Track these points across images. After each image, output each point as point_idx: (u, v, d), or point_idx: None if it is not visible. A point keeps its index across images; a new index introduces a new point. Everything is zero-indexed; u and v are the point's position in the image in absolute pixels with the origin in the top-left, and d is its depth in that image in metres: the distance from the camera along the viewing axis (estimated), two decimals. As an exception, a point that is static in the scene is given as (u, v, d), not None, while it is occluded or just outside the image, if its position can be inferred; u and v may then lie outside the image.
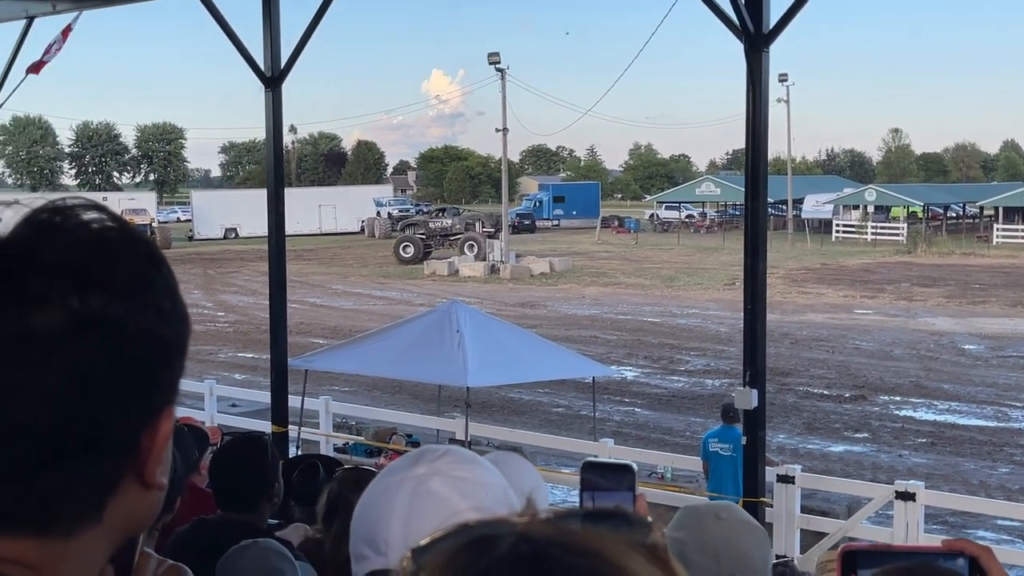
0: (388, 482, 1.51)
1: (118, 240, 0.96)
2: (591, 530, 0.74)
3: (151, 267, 0.98)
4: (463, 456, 1.53)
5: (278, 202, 12.83)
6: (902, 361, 26.62)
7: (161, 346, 0.96)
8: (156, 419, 0.97)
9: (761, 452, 10.43)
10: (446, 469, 1.49)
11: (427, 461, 1.51)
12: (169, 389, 0.98)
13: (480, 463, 1.54)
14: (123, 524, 0.99)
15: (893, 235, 65.85)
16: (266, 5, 12.35)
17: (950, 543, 1.12)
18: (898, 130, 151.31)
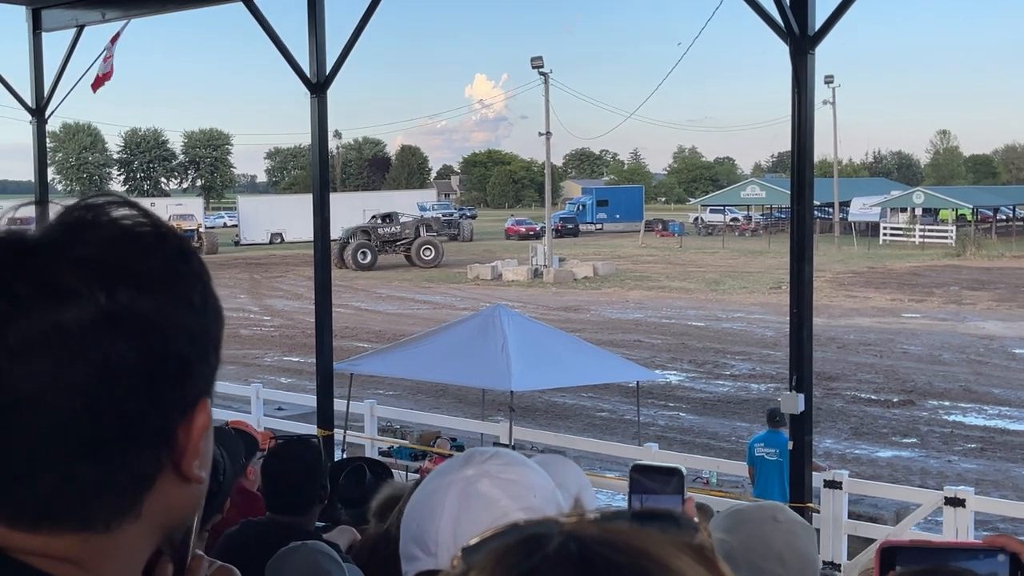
0: (438, 483, 1.53)
1: (147, 236, 0.97)
2: (638, 530, 0.75)
3: (181, 262, 0.99)
4: (512, 458, 1.55)
5: (323, 207, 12.92)
6: (951, 365, 26.28)
7: (193, 339, 0.97)
8: (192, 412, 0.98)
9: (808, 457, 10.35)
10: (495, 471, 1.51)
11: (476, 463, 1.52)
12: (203, 382, 0.99)
13: (528, 465, 1.56)
14: (163, 519, 0.99)
15: (942, 238, 65.03)
16: (312, 12, 12.45)
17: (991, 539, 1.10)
18: (946, 132, 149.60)
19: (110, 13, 14.74)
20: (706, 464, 14.50)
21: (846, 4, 9.51)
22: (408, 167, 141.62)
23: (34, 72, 15.75)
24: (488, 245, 70.56)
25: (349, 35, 12.48)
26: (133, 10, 14.68)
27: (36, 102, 15.79)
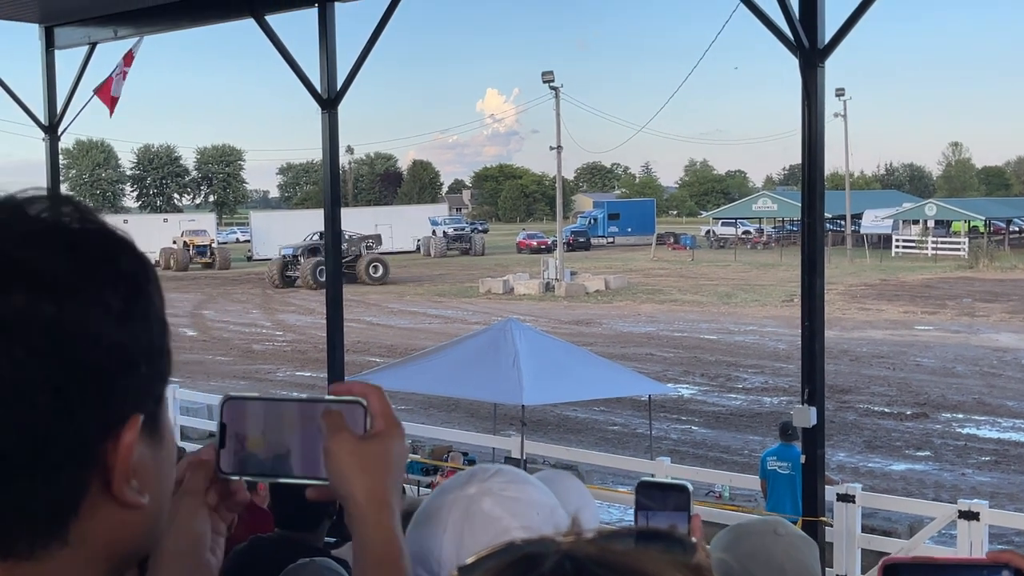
0: (440, 501, 1.53)
1: (63, 233, 0.88)
2: (635, 550, 0.74)
3: (102, 262, 0.90)
4: (514, 476, 1.55)
5: (335, 222, 12.96)
6: (965, 378, 26.16)
7: (112, 349, 0.88)
8: (118, 430, 0.89)
9: (820, 470, 10.30)
10: (497, 489, 1.51)
11: (478, 481, 1.52)
12: (133, 397, 0.90)
13: (531, 482, 1.55)
14: (105, 544, 0.91)
15: (954, 250, 64.82)
16: (322, 29, 12.51)
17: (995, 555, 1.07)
18: (958, 144, 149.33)
19: (122, 30, 14.83)
20: (718, 478, 14.45)
21: (855, 17, 9.51)
22: (420, 182, 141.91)
23: (47, 89, 15.85)
24: (500, 259, 70.61)
25: (360, 51, 12.53)
26: (145, 27, 14.76)
27: (49, 119, 15.88)
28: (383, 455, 1.21)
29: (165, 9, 13.99)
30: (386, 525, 1.20)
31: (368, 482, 1.20)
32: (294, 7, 13.06)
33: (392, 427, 1.23)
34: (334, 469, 1.19)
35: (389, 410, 1.25)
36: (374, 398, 1.24)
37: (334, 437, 1.19)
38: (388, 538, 1.21)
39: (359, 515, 1.20)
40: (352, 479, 1.19)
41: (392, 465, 1.23)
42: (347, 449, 1.19)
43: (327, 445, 1.20)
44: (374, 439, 1.21)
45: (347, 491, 1.20)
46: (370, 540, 1.20)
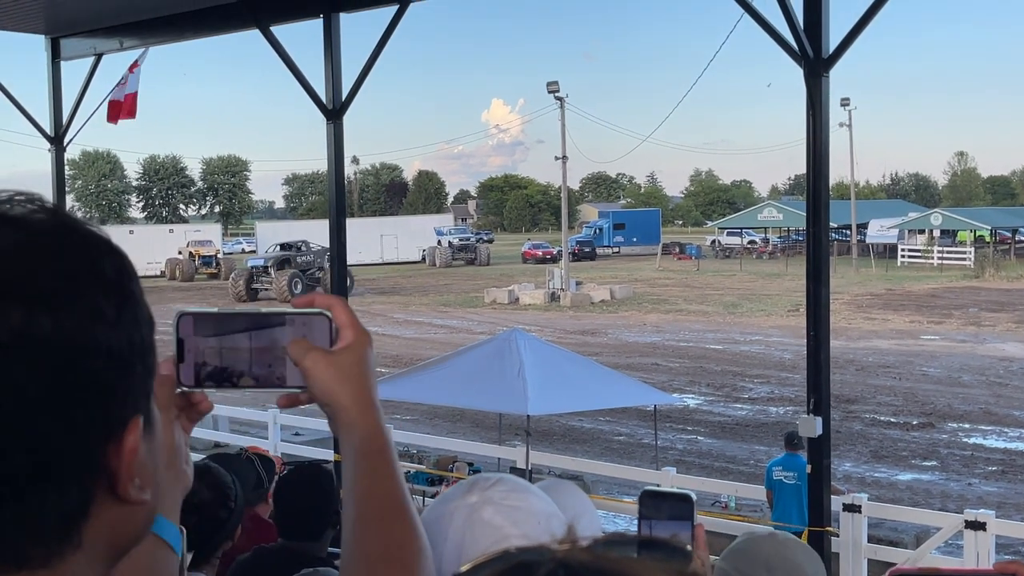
0: (442, 510, 1.52)
1: (43, 241, 0.87)
2: (629, 557, 0.74)
3: (87, 269, 0.89)
4: (516, 484, 1.55)
5: (340, 233, 12.98)
6: (971, 387, 26.10)
7: (111, 355, 0.88)
8: (120, 432, 0.90)
9: (826, 480, 10.27)
10: (499, 498, 1.51)
11: (480, 489, 1.52)
12: (131, 398, 0.91)
13: (532, 491, 1.55)
14: (108, 544, 0.93)
15: (960, 259, 64.74)
16: (327, 39, 12.54)
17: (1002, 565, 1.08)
18: (963, 153, 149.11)
19: (128, 41, 14.88)
20: (724, 488, 14.42)
21: (859, 27, 9.51)
22: (425, 192, 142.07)
23: (53, 100, 15.90)
24: (505, 269, 70.62)
25: (365, 61, 12.57)
26: (150, 38, 14.81)
27: (55, 130, 15.93)
28: (359, 363, 1.29)
29: (171, 20, 14.04)
30: (372, 420, 1.30)
31: (351, 389, 1.28)
32: (299, 18, 13.10)
33: (361, 335, 1.31)
34: (317, 384, 1.27)
35: (354, 319, 1.31)
36: (338, 309, 1.30)
37: (307, 356, 1.26)
38: (375, 432, 1.29)
39: (348, 419, 1.29)
40: (336, 390, 1.27)
41: (369, 370, 1.32)
42: (323, 363, 1.26)
43: (302, 366, 1.26)
44: (348, 350, 1.29)
45: (334, 401, 1.28)
46: (359, 436, 1.29)
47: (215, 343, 1.26)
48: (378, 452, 1.29)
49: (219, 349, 1.26)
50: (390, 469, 1.30)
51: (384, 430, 1.31)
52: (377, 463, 1.29)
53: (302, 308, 1.29)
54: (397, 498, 1.29)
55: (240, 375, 1.27)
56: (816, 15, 9.50)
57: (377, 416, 1.31)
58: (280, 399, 1.31)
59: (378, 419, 1.31)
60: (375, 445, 1.29)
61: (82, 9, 14.04)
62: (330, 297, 1.31)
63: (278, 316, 1.28)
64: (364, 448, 1.29)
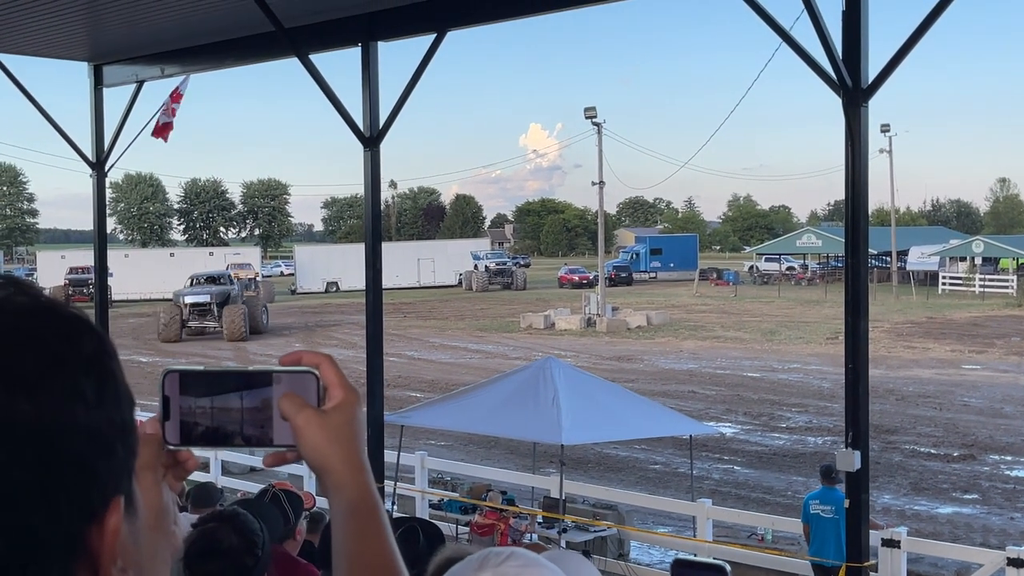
0: None
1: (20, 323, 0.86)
2: None
3: (67, 348, 0.87)
4: (528, 559, 1.52)
5: (375, 259, 13.00)
6: (1013, 419, 25.68)
7: (92, 437, 0.87)
8: (102, 514, 0.88)
9: (865, 515, 10.11)
10: (513, 573, 1.48)
11: (492, 566, 1.50)
12: (113, 479, 0.90)
13: (544, 565, 1.53)
14: None
15: (1002, 287, 63.95)
16: (365, 68, 12.61)
17: None
18: (1006, 179, 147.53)
19: (169, 68, 15.05)
20: (760, 521, 14.25)
21: (900, 57, 9.43)
22: (462, 216, 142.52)
23: (95, 126, 16.11)
24: (541, 293, 70.59)
25: (402, 89, 12.62)
26: (191, 65, 14.98)
27: (96, 156, 16.13)
28: (349, 424, 1.29)
29: (211, 48, 14.19)
30: (362, 482, 1.29)
31: (341, 450, 1.27)
32: (338, 47, 13.19)
33: (349, 394, 1.30)
34: (307, 444, 1.26)
35: (343, 378, 1.30)
36: (326, 367, 1.29)
37: (300, 415, 1.25)
38: (365, 493, 1.29)
39: (339, 482, 1.28)
40: (327, 452, 1.26)
41: (359, 431, 1.31)
42: (315, 424, 1.26)
43: (295, 423, 1.25)
44: (337, 410, 1.28)
45: (325, 463, 1.28)
46: (349, 499, 1.28)
47: (205, 403, 1.25)
48: (368, 513, 1.29)
49: (207, 409, 1.26)
50: (380, 530, 1.30)
51: (374, 491, 1.31)
52: (367, 524, 1.29)
53: (289, 365, 1.28)
54: (386, 559, 1.29)
55: (230, 435, 1.26)
56: (855, 45, 9.43)
57: (367, 477, 1.31)
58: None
59: (368, 480, 1.31)
60: (365, 506, 1.29)
61: (124, 37, 14.22)
62: (318, 355, 1.30)
63: (265, 375, 1.27)
64: (354, 509, 1.29)
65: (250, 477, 17.46)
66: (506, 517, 13.93)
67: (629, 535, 14.54)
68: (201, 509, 5.47)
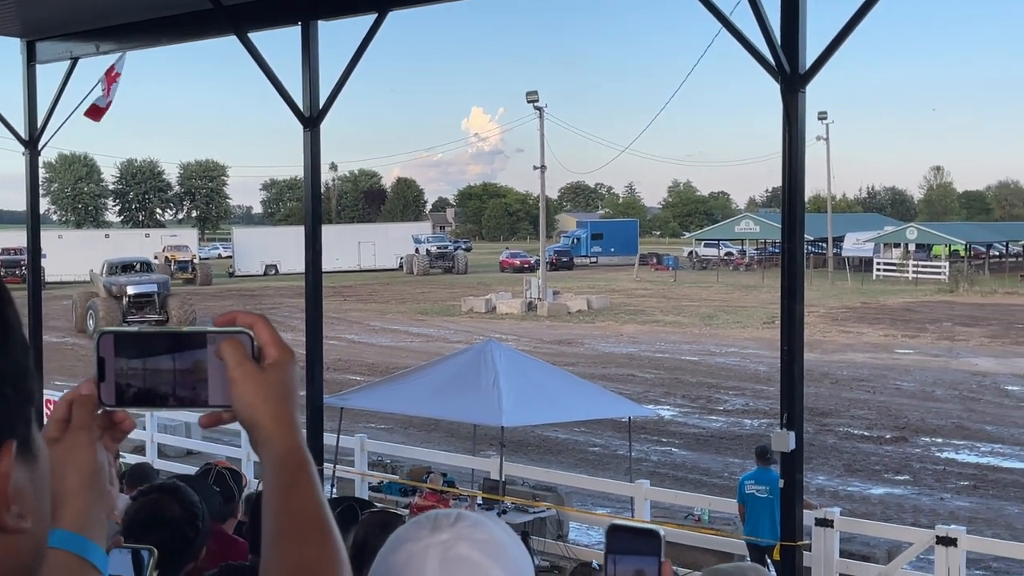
0: (411, 549, 1.49)
1: None
2: None
3: None
4: (477, 519, 1.54)
5: (316, 241, 12.91)
6: (944, 402, 26.25)
7: None
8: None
9: (799, 495, 10.28)
10: (468, 533, 1.49)
11: (446, 527, 1.50)
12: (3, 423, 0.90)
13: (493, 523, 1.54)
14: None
15: (935, 274, 65.19)
16: (305, 47, 12.49)
17: None
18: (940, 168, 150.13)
19: (104, 45, 14.77)
20: (698, 501, 14.43)
21: (836, 43, 9.56)
22: (403, 199, 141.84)
23: (28, 104, 15.76)
24: (483, 277, 70.60)
25: (343, 69, 12.51)
26: (128, 42, 14.71)
27: (29, 134, 15.79)
28: (283, 382, 1.30)
29: (148, 25, 13.95)
30: (291, 437, 1.29)
31: (273, 407, 1.28)
32: (277, 25, 13.04)
33: (284, 353, 1.31)
34: (240, 398, 1.27)
35: (277, 337, 1.31)
36: (260, 327, 1.30)
37: (239, 367, 1.26)
38: (294, 448, 1.29)
39: (267, 437, 1.28)
40: (259, 407, 1.27)
41: (292, 390, 1.32)
42: (252, 379, 1.27)
43: (232, 374, 1.26)
44: (273, 368, 1.29)
45: (255, 418, 1.28)
46: (277, 453, 1.28)
47: (137, 364, 1.25)
48: (297, 468, 1.29)
49: (141, 370, 1.25)
50: (309, 486, 1.30)
51: (304, 448, 1.31)
52: (295, 479, 1.29)
53: (224, 326, 1.29)
54: (315, 515, 1.29)
55: (162, 396, 1.26)
56: (793, 31, 9.54)
57: (297, 434, 1.31)
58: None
59: (298, 437, 1.31)
60: (294, 461, 1.29)
61: (58, 12, 13.93)
62: (252, 315, 1.31)
63: (199, 336, 1.28)
64: (282, 464, 1.29)
65: (186, 460, 17.28)
66: (446, 499, 13.96)
67: (568, 516, 14.64)
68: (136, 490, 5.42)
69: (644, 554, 1.46)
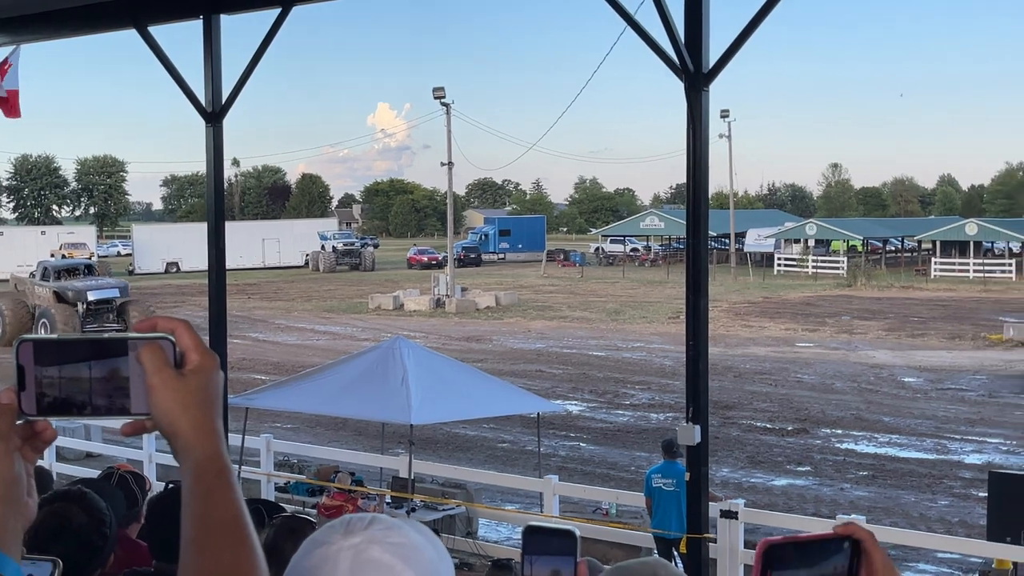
0: (323, 553, 1.48)
1: None
2: None
3: None
4: (391, 522, 1.53)
5: (218, 238, 12.70)
6: (843, 394, 26.91)
7: None
8: None
9: (704, 488, 10.44)
10: (381, 536, 1.49)
11: (359, 530, 1.50)
12: None
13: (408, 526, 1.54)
14: None
15: (833, 268, 66.80)
16: (207, 41, 12.26)
17: (840, 528, 1.29)
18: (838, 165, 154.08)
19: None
20: (605, 495, 14.56)
21: (739, 43, 9.71)
22: (309, 195, 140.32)
23: (-85, 97, 15.18)
24: (390, 274, 70.27)
25: (247, 63, 12.32)
26: (22, 35, 14.26)
27: (-83, 128, 15.25)
28: (204, 389, 1.27)
29: (43, 17, 13.54)
30: (210, 444, 1.27)
31: (192, 415, 1.26)
32: (178, 18, 12.78)
33: (206, 359, 1.29)
34: (158, 406, 1.25)
35: (199, 342, 1.29)
36: (181, 332, 1.28)
37: (158, 374, 1.24)
38: (213, 455, 1.27)
39: (185, 446, 1.27)
40: (178, 415, 1.25)
41: (214, 397, 1.29)
42: (171, 386, 1.24)
43: (150, 381, 1.24)
44: (194, 374, 1.27)
45: (174, 427, 1.26)
46: (196, 461, 1.26)
47: (56, 372, 1.22)
48: (215, 475, 1.27)
49: (61, 378, 1.23)
50: (227, 492, 1.28)
51: (224, 455, 1.29)
52: (213, 486, 1.27)
53: (145, 332, 1.26)
54: (233, 522, 1.27)
55: (83, 404, 1.24)
56: (697, 30, 9.66)
57: (217, 441, 1.29)
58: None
59: (218, 444, 1.29)
60: (212, 467, 1.27)
61: (-53, 3, 13.45)
62: (173, 320, 1.29)
63: (120, 343, 1.25)
64: (200, 471, 1.27)
65: (86, 463, 16.86)
66: (354, 498, 13.85)
67: (477, 513, 14.66)
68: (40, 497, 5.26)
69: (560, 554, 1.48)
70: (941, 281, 61.71)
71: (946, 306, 48.39)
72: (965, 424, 23.05)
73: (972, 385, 28.16)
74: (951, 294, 54.34)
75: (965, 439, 21.65)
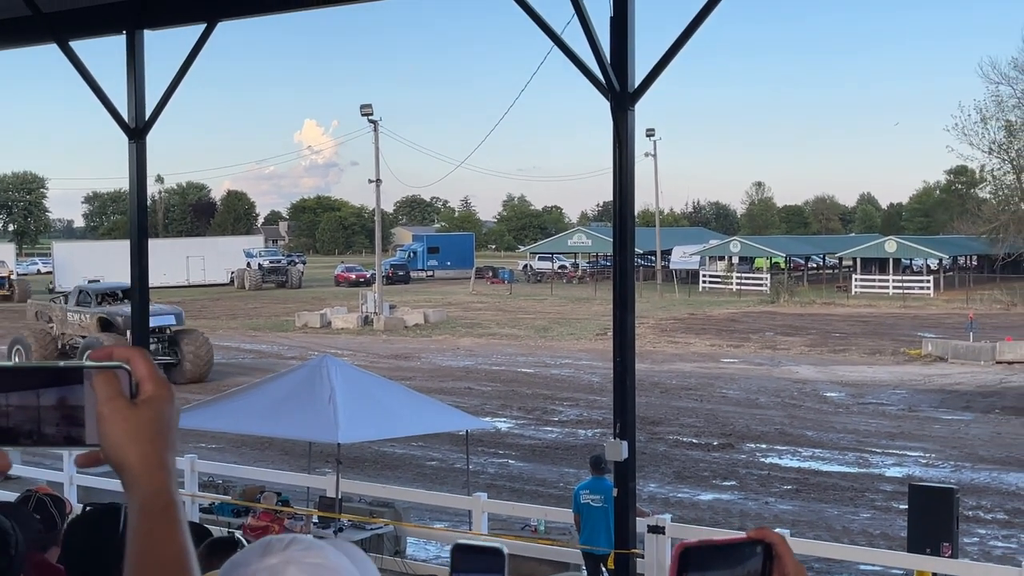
0: (241, 574, 1.48)
1: None
2: None
3: None
4: (311, 543, 1.53)
5: (141, 256, 12.54)
6: (767, 409, 27.28)
7: None
8: None
9: (632, 503, 10.53)
10: (299, 557, 1.48)
11: (277, 551, 1.49)
12: None
13: (329, 547, 1.54)
14: None
15: (757, 285, 67.80)
16: (131, 56, 12.12)
17: (753, 533, 1.33)
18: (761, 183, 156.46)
19: (-89, 51, 14.00)
20: (534, 512, 14.57)
21: (663, 63, 9.86)
22: (234, 212, 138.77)
23: None
24: (317, 292, 69.70)
25: (171, 79, 12.20)
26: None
27: None
28: (156, 420, 1.26)
29: (-40, 30, 13.28)
30: (158, 480, 1.25)
31: (141, 448, 1.24)
32: (101, 34, 12.62)
33: (160, 389, 1.27)
34: (108, 437, 1.23)
35: (155, 372, 1.27)
36: (137, 361, 1.26)
37: (109, 403, 1.22)
38: (160, 491, 1.25)
39: (133, 479, 1.25)
40: (126, 447, 1.23)
41: (166, 429, 1.27)
42: (121, 416, 1.23)
43: (100, 410, 1.22)
44: (146, 404, 1.25)
45: (121, 459, 1.24)
46: (142, 496, 1.25)
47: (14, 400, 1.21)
48: (160, 511, 1.26)
49: (10, 406, 1.20)
50: (171, 530, 1.27)
51: (171, 491, 1.27)
52: (157, 523, 1.26)
53: (100, 361, 1.25)
54: (173, 562, 1.26)
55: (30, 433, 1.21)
56: (623, 51, 9.80)
57: (165, 477, 1.27)
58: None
59: (166, 479, 1.27)
60: (158, 503, 1.26)
61: None
62: (129, 349, 1.27)
63: (76, 371, 1.23)
64: (147, 507, 1.26)
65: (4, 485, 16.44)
66: (280, 518, 13.70)
67: (406, 531, 14.58)
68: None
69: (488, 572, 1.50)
70: (862, 297, 62.94)
71: (867, 322, 49.37)
72: (886, 438, 23.50)
73: (892, 399, 28.74)
74: (871, 310, 55.46)
75: (886, 453, 22.08)
